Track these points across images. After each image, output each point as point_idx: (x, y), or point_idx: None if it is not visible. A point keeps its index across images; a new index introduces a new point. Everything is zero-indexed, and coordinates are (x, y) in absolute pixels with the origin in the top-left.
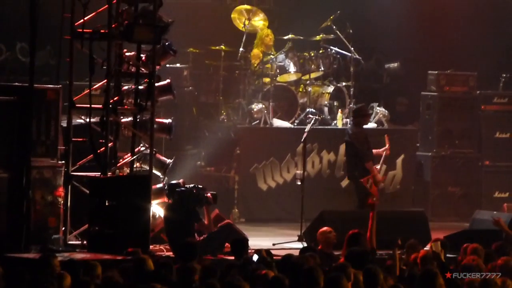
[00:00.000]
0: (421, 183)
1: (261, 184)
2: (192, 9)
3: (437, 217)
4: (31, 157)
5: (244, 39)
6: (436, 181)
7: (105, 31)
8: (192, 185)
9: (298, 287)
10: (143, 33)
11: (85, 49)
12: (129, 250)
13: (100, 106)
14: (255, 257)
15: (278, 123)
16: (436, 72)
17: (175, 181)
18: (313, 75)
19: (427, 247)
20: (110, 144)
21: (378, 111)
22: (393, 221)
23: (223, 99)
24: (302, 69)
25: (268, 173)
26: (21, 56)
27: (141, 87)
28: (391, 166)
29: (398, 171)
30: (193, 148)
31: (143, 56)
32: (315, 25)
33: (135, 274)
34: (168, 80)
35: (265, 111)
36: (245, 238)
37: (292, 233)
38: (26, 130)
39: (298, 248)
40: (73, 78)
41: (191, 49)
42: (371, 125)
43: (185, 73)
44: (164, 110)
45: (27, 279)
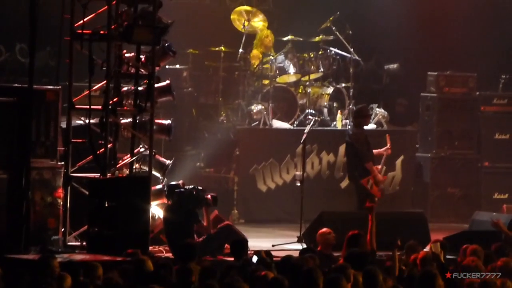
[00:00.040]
0: (420, 184)
1: (260, 185)
2: (191, 10)
3: (436, 218)
4: (30, 158)
5: (243, 40)
6: (435, 182)
7: (105, 32)
8: (192, 187)
9: None
10: (142, 34)
11: (84, 50)
12: (129, 251)
13: (99, 107)
14: (255, 258)
15: (277, 124)
16: (436, 73)
17: (174, 182)
18: (312, 76)
19: (427, 248)
20: (110, 145)
21: (377, 112)
22: (392, 222)
23: (222, 100)
24: (302, 70)
25: (268, 174)
26: (20, 57)
27: (140, 88)
28: (390, 167)
29: (397, 172)
30: (193, 149)
31: (142, 57)
32: (314, 26)
33: (135, 275)
34: (168, 81)
35: (265, 112)
36: (244, 239)
37: (292, 234)
38: (26, 131)
39: (297, 249)
40: (72, 79)
41: (191, 50)
42: (370, 126)
43: (185, 74)
44: (164, 111)
45: (26, 280)
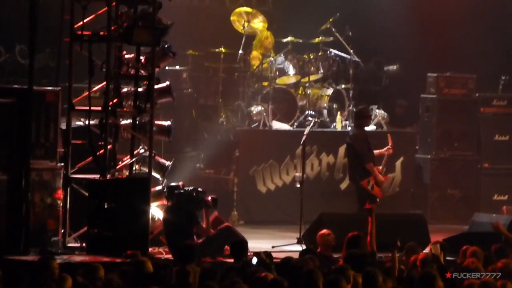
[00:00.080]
0: (420, 185)
1: (260, 186)
2: (191, 11)
3: (436, 220)
4: (30, 159)
5: (243, 41)
6: (435, 183)
7: (105, 33)
8: (192, 188)
9: None
10: (142, 35)
11: (84, 51)
12: (128, 252)
13: (99, 108)
14: (254, 259)
15: (277, 125)
16: (435, 74)
17: (174, 184)
18: (312, 77)
19: (427, 249)
20: (109, 147)
21: (377, 113)
22: (392, 223)
23: (222, 102)
24: (302, 71)
25: (268, 176)
26: (20, 58)
27: (140, 89)
28: (390, 169)
29: (397, 174)
30: (192, 151)
31: (142, 58)
32: (314, 28)
33: (135, 277)
34: (168, 82)
35: (264, 113)
36: (244, 241)
37: (291, 235)
38: (25, 132)
39: (297, 250)
40: (72, 80)
41: (191, 51)
42: (370, 128)
43: (185, 75)
44: (163, 112)
45: (26, 281)
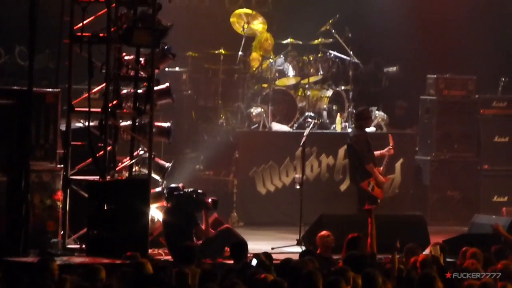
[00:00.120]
0: (420, 187)
1: (260, 188)
2: (191, 13)
3: (436, 221)
4: (30, 161)
5: (243, 43)
6: (435, 185)
7: (104, 34)
8: (192, 190)
9: None
10: (142, 37)
11: (84, 53)
12: (128, 254)
13: (99, 109)
14: (254, 261)
15: (277, 127)
16: (435, 76)
17: (174, 185)
18: (312, 79)
19: (426, 251)
20: (109, 148)
21: (377, 115)
22: (392, 225)
23: (222, 103)
24: (301, 73)
25: (267, 177)
26: (20, 59)
27: (140, 90)
28: (390, 170)
29: (397, 175)
30: (192, 152)
31: (142, 59)
32: (314, 29)
33: (134, 278)
34: (167, 84)
35: (264, 115)
36: (244, 242)
37: (291, 237)
38: (25, 133)
39: (297, 252)
40: (72, 81)
41: (190, 52)
42: (369, 129)
43: (184, 76)
44: (163, 113)
45: (25, 282)
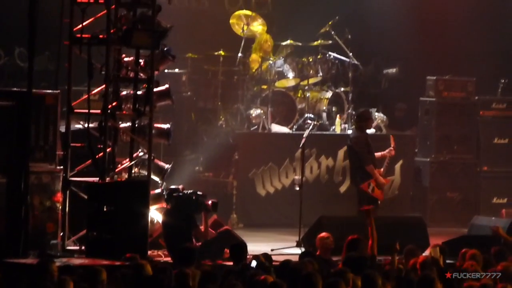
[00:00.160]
0: (419, 188)
1: (259, 189)
2: (190, 14)
3: (435, 223)
4: (29, 162)
5: (242, 44)
6: (434, 186)
7: (104, 36)
8: (191, 191)
9: None
10: (141, 38)
11: (83, 54)
12: (128, 255)
13: (98, 111)
14: (254, 262)
15: (276, 128)
16: (435, 77)
17: (174, 187)
18: (311, 80)
19: (426, 252)
20: (109, 150)
21: (376, 116)
22: (391, 226)
23: (221, 105)
24: (301, 74)
25: (267, 179)
26: (19, 61)
27: (139, 92)
28: (390, 172)
29: (396, 177)
30: (192, 154)
31: (141, 61)
32: (313, 31)
33: (134, 280)
34: (167, 86)
35: (264, 116)
36: (243, 244)
37: (291, 238)
38: (25, 135)
39: (296, 253)
40: (71, 83)
41: (190, 54)
42: (369, 131)
43: (184, 78)
44: (163, 115)
45: (25, 284)
